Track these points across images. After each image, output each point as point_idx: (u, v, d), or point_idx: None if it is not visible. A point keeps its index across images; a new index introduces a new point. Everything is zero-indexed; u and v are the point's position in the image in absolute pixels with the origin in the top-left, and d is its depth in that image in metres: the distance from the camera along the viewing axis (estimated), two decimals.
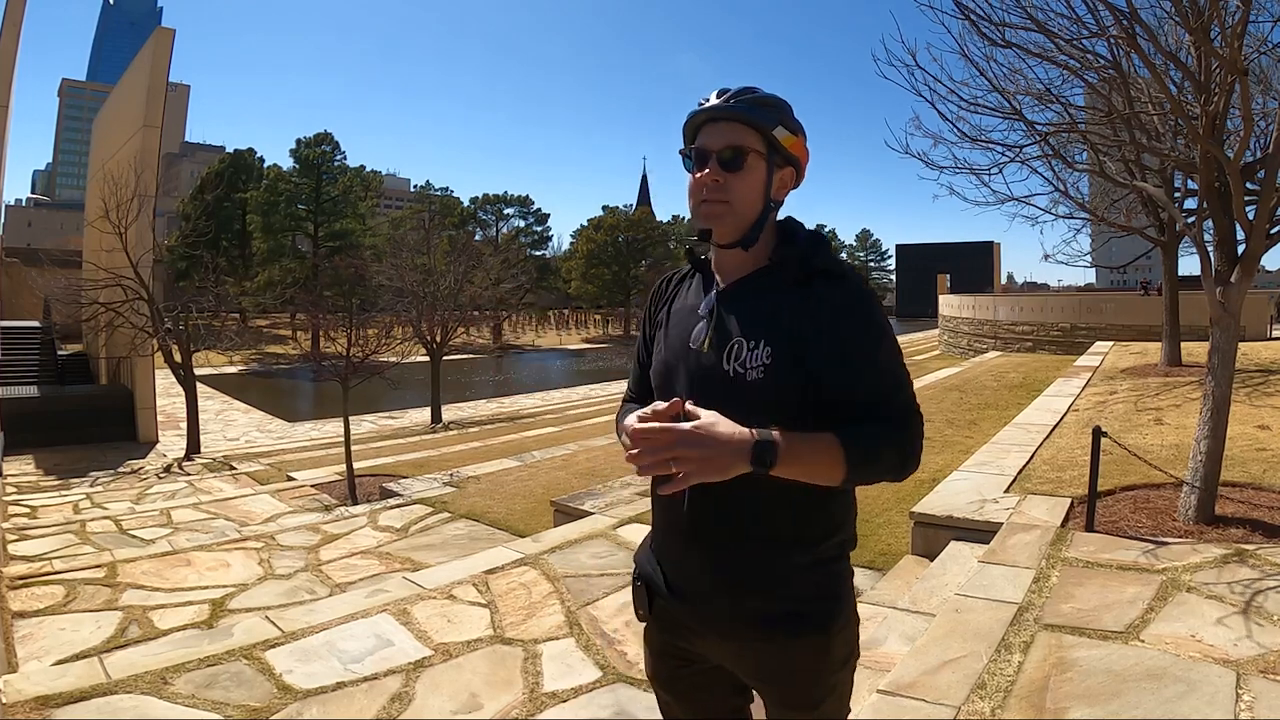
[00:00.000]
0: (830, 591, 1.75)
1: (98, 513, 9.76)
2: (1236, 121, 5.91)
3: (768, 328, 1.65)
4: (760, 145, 1.69)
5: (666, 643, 1.89)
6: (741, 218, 1.69)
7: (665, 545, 1.84)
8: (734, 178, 1.68)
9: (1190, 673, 3.25)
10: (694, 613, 1.78)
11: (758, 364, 1.62)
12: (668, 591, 1.82)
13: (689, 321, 1.79)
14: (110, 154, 22.37)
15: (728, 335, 1.69)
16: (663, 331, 1.88)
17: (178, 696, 3.56)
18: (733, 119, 1.69)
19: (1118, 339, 20.68)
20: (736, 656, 1.78)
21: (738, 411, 1.56)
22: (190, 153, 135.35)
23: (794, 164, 1.76)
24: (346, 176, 71.64)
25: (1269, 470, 6.25)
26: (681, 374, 1.75)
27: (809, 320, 1.62)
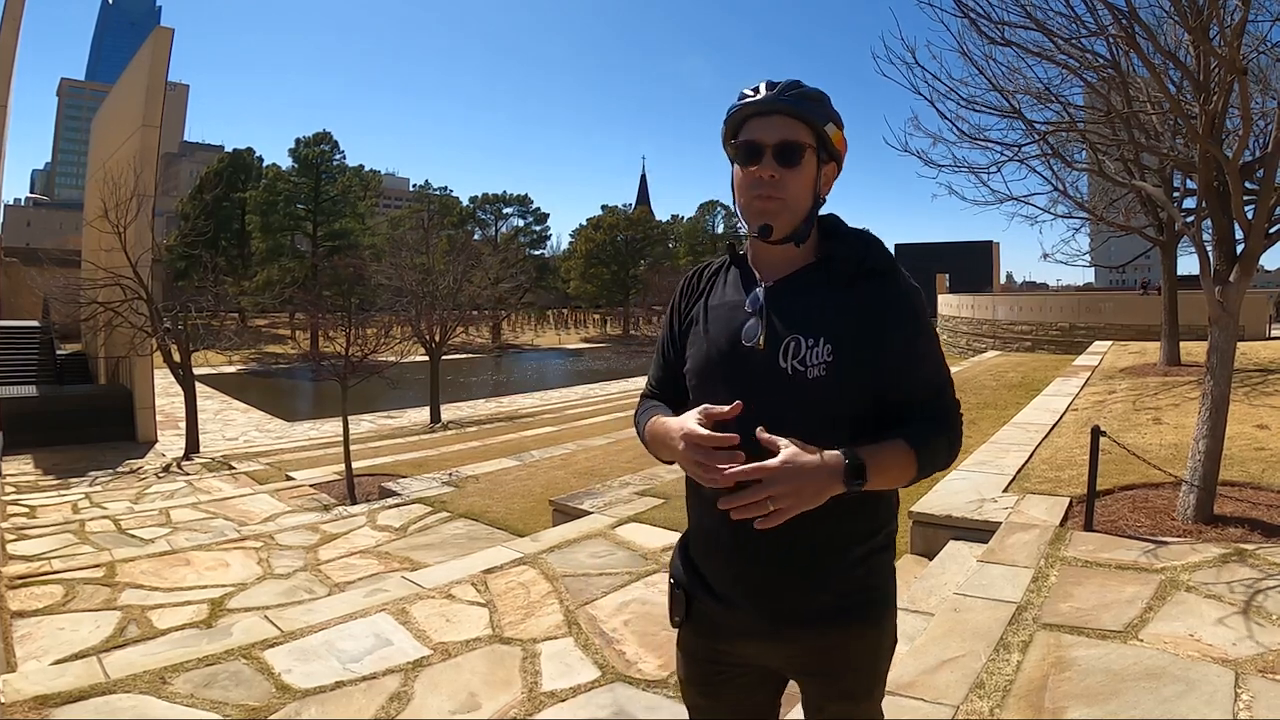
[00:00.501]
0: (883, 580, 1.77)
1: (96, 512, 9.75)
2: (1236, 121, 5.91)
3: (827, 325, 1.64)
4: (812, 140, 1.68)
5: (705, 646, 1.83)
6: (795, 214, 1.69)
7: (712, 549, 1.77)
8: (789, 174, 1.66)
9: (1189, 672, 3.25)
10: (744, 614, 1.72)
11: (818, 361, 1.61)
12: (712, 596, 1.77)
13: (734, 318, 1.74)
14: (109, 153, 22.36)
15: (782, 332, 1.66)
16: (700, 327, 1.81)
17: (176, 696, 3.56)
18: (785, 113, 1.67)
19: (1116, 338, 20.68)
20: (790, 654, 1.76)
21: (796, 410, 1.60)
22: (189, 152, 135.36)
23: (837, 159, 1.75)
24: (346, 176, 71.55)
25: (1268, 469, 6.25)
26: (731, 372, 1.70)
27: (868, 319, 1.64)
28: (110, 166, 20.20)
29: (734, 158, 1.74)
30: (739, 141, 1.71)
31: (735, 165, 1.74)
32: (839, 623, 1.70)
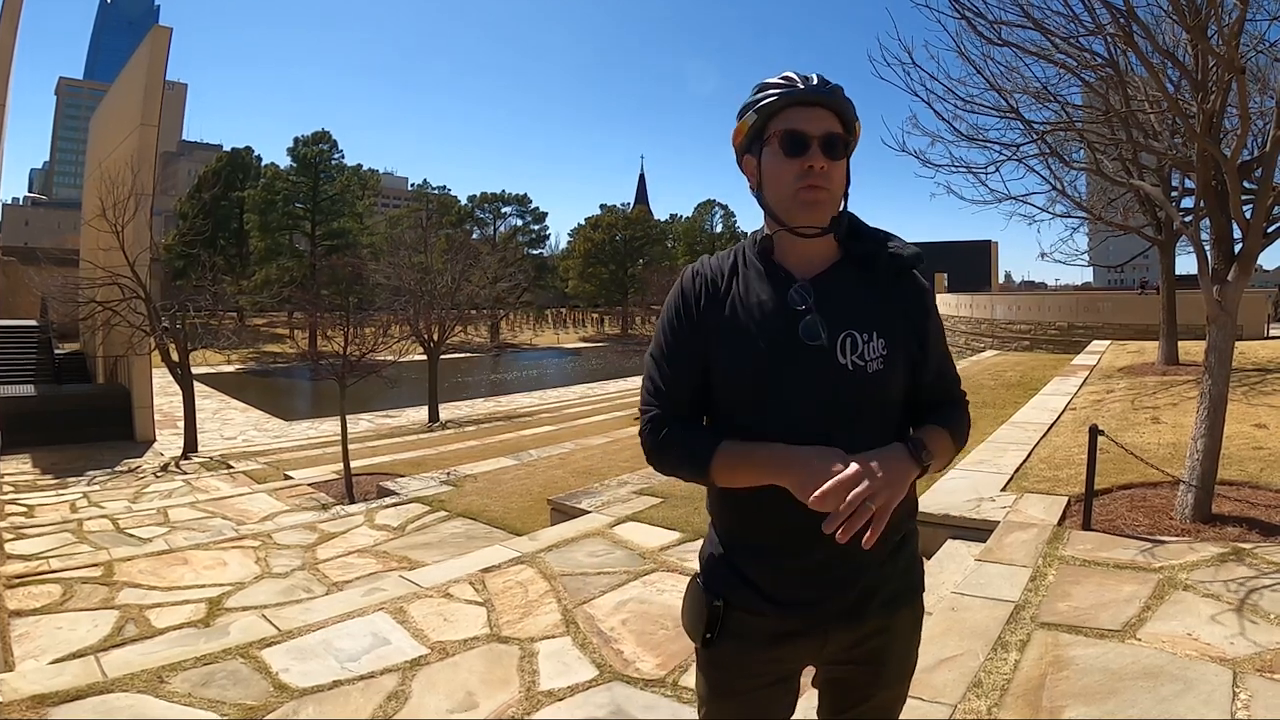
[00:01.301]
0: (921, 564, 1.88)
1: (95, 511, 9.74)
2: (1234, 121, 5.91)
3: (875, 320, 1.66)
4: (847, 137, 1.68)
5: (750, 657, 1.74)
6: (834, 204, 1.69)
7: (776, 555, 1.69)
8: (834, 167, 1.65)
9: (1187, 671, 3.25)
10: (803, 617, 1.69)
11: (875, 355, 1.63)
12: (770, 603, 1.69)
13: (781, 316, 1.66)
14: (107, 152, 22.33)
15: (838, 328, 1.64)
16: (743, 328, 1.68)
17: (174, 695, 3.56)
18: (825, 105, 1.66)
19: (1115, 338, 20.68)
20: (843, 646, 1.74)
21: (860, 405, 1.63)
22: (188, 151, 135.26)
23: (744, 152, 1.76)
24: (344, 175, 71.53)
25: (1266, 469, 6.26)
26: (793, 373, 1.64)
27: (909, 313, 1.72)
28: (108, 165, 20.17)
29: (775, 146, 1.67)
30: (780, 130, 1.66)
31: (765, 155, 1.69)
32: (895, 608, 1.76)
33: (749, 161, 1.75)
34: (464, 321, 27.87)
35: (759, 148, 1.71)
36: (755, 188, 1.74)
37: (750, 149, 1.74)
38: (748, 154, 1.75)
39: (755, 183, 1.74)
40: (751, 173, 1.75)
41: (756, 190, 1.74)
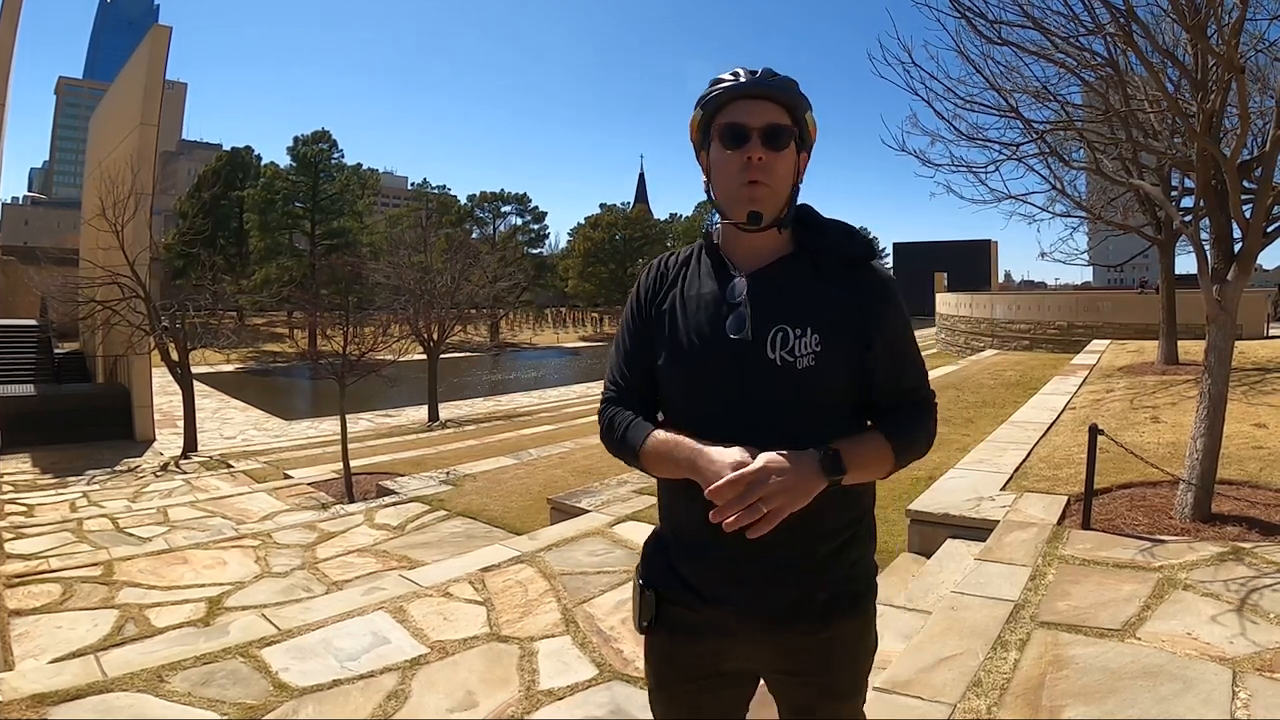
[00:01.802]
0: (868, 573, 1.78)
1: (94, 511, 9.74)
2: (1234, 120, 5.91)
3: (812, 315, 1.63)
4: (793, 126, 1.67)
5: (684, 651, 1.77)
6: (779, 200, 1.67)
7: (699, 549, 1.70)
8: (776, 157, 1.64)
9: (1186, 671, 3.25)
10: (731, 614, 1.68)
11: (807, 352, 1.61)
12: (697, 597, 1.71)
13: (715, 309, 1.69)
14: (107, 152, 22.33)
15: (768, 323, 1.63)
16: (675, 320, 1.73)
17: (174, 694, 3.56)
18: (769, 98, 1.66)
19: (1115, 337, 20.67)
20: (779, 653, 1.73)
21: (787, 403, 1.60)
22: (187, 150, 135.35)
23: (809, 147, 1.74)
24: (344, 175, 71.54)
25: (1266, 468, 6.26)
26: (717, 366, 1.66)
27: (854, 309, 1.65)
28: (108, 165, 20.17)
29: (716, 140, 1.69)
30: (722, 123, 1.67)
31: (711, 150, 1.71)
32: (830, 617, 1.69)
33: (702, 157, 1.76)
34: (464, 321, 27.86)
35: (708, 143, 1.73)
36: (706, 183, 1.76)
37: (701, 145, 1.75)
38: (700, 150, 1.76)
39: (706, 178, 1.75)
40: (704, 168, 1.76)
41: (707, 185, 1.76)
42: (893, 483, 7.32)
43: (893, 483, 7.32)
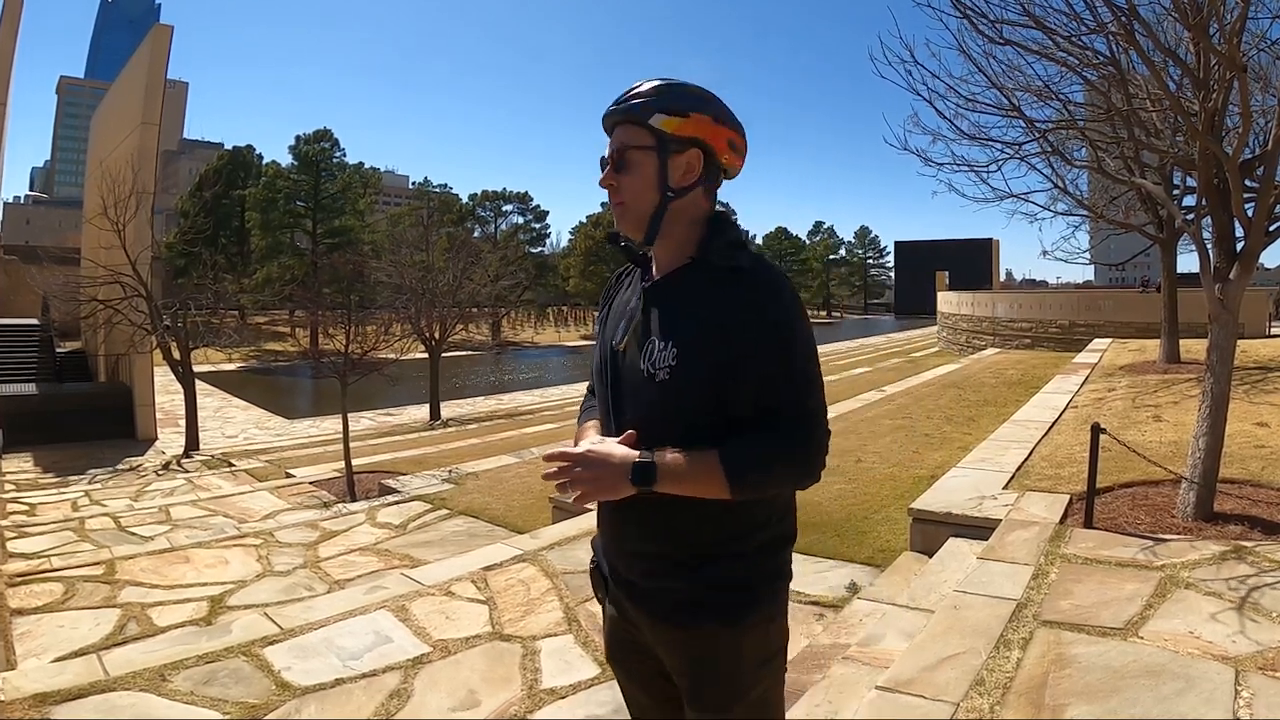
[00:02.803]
0: (741, 584, 1.71)
1: (96, 510, 9.74)
2: (1236, 119, 5.91)
3: (678, 326, 1.68)
4: (645, 139, 1.71)
5: (616, 623, 1.92)
6: (639, 214, 1.74)
7: (601, 532, 1.90)
8: (623, 178, 1.74)
9: (1189, 670, 3.25)
10: (626, 597, 1.83)
11: (664, 365, 1.66)
12: (611, 576, 1.88)
13: (621, 318, 1.83)
14: (108, 151, 22.33)
15: (646, 333, 1.72)
16: (605, 326, 1.91)
17: (176, 694, 3.56)
18: (619, 122, 1.75)
19: (1116, 336, 20.64)
20: (659, 644, 1.80)
21: (654, 412, 1.68)
22: (189, 150, 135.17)
23: (697, 145, 1.72)
24: (345, 173, 71.62)
25: (1268, 467, 6.25)
26: (604, 371, 1.82)
27: (715, 323, 1.64)
28: (109, 164, 20.16)
29: None
30: (602, 157, 1.80)
31: None
32: (702, 619, 1.70)
33: None
34: (465, 320, 27.86)
35: None
36: None
37: None
38: None
39: None
40: None
41: None
42: (895, 481, 7.35)
43: (895, 481, 7.35)
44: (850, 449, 8.90)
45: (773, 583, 1.77)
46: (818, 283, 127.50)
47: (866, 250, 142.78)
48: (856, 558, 5.60)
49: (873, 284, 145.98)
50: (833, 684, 3.56)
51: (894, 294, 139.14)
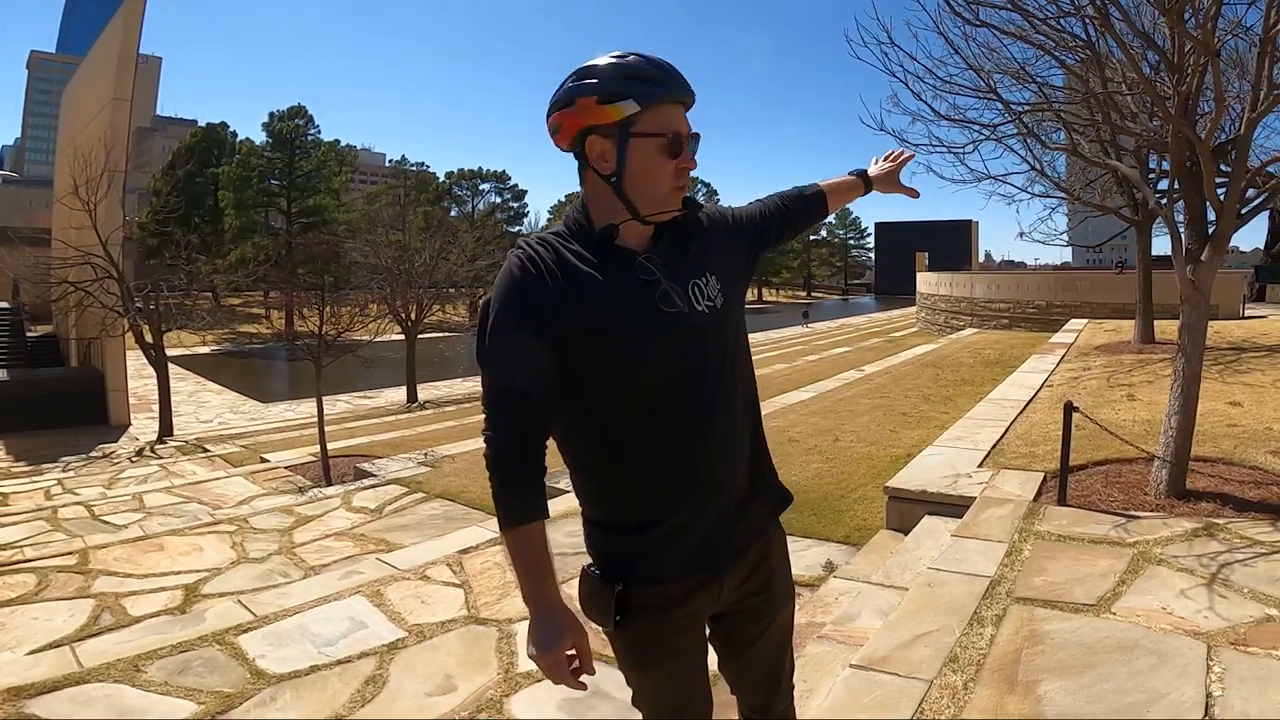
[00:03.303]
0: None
1: (69, 499, 9.67)
2: (1210, 104, 5.93)
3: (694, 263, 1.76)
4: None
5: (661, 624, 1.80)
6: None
7: (680, 498, 1.73)
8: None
9: (1161, 645, 3.28)
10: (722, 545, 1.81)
11: (715, 291, 1.75)
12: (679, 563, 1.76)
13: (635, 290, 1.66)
14: (80, 128, 22.02)
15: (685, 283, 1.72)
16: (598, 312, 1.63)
17: (151, 684, 3.54)
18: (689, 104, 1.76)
19: (1092, 317, 20.81)
20: (750, 565, 1.88)
21: (722, 338, 1.78)
22: (162, 127, 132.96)
23: (595, 130, 1.65)
24: (321, 151, 70.98)
25: (1240, 446, 6.32)
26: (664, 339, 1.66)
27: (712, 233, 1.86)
28: (81, 142, 19.89)
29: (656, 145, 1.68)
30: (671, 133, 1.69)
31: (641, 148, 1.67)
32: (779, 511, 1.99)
33: (600, 145, 1.67)
34: (442, 300, 27.74)
35: (625, 136, 1.65)
36: (610, 174, 1.67)
37: (608, 133, 1.66)
38: (598, 136, 1.66)
39: (611, 170, 1.67)
40: (603, 158, 1.68)
41: (611, 177, 1.67)
42: (872, 460, 7.40)
43: (872, 460, 7.40)
44: (828, 428, 8.94)
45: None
46: (798, 263, 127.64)
47: (847, 231, 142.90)
48: (833, 536, 5.63)
49: (853, 264, 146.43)
50: (808, 662, 3.57)
51: (874, 274, 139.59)
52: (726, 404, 1.76)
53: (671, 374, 1.69)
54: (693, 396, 1.71)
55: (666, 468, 1.72)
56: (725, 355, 1.77)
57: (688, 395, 1.71)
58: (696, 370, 1.71)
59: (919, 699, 3.03)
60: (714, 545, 1.79)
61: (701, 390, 1.72)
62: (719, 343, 1.75)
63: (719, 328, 1.75)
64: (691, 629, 1.87)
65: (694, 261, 1.75)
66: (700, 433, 1.72)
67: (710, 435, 1.73)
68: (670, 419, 1.70)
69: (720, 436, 1.75)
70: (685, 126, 1.70)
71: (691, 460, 1.72)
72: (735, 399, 1.79)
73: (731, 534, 1.81)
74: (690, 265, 1.74)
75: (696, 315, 1.70)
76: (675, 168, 1.68)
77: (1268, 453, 6.12)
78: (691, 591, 1.78)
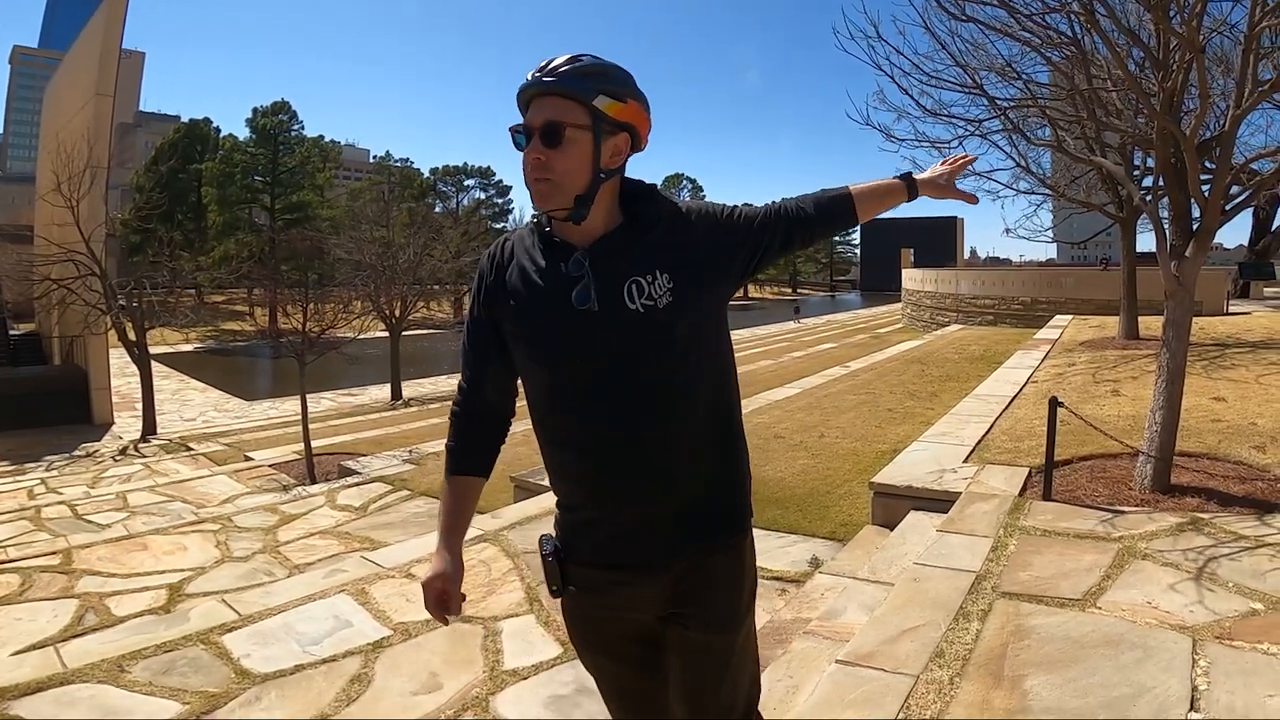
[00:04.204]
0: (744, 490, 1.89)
1: (52, 498, 9.61)
2: (1195, 101, 5.96)
3: (654, 259, 1.71)
4: (583, 118, 1.67)
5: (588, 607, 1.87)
6: (567, 193, 1.69)
7: (592, 496, 1.79)
8: (554, 154, 1.67)
9: (1147, 639, 3.29)
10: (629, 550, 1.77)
11: (664, 291, 1.68)
12: (594, 550, 1.80)
13: (557, 285, 1.72)
14: (62, 124, 21.85)
15: (620, 279, 1.69)
16: (520, 303, 1.77)
17: (135, 684, 3.51)
18: (554, 93, 1.68)
19: (1077, 313, 20.92)
20: (674, 579, 1.78)
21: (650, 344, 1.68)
22: (145, 122, 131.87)
23: (628, 129, 1.73)
24: (304, 147, 70.58)
25: (1224, 440, 6.36)
26: (571, 337, 1.70)
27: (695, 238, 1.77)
28: (63, 137, 19.71)
29: (516, 141, 1.73)
30: (514, 126, 1.73)
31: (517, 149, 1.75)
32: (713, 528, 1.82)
33: None
34: (426, 297, 27.65)
35: None
36: None
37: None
38: None
39: None
40: None
41: None
42: (857, 456, 7.40)
43: (857, 456, 7.40)
44: (814, 424, 8.95)
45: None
46: (784, 259, 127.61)
47: None
48: (819, 532, 5.63)
49: (839, 261, 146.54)
50: (794, 658, 3.57)
51: (860, 271, 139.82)
52: (649, 411, 1.70)
53: (580, 373, 1.70)
54: (600, 399, 1.69)
55: (571, 468, 1.79)
56: (659, 358, 1.69)
57: (592, 397, 1.69)
58: (612, 371, 1.68)
59: (905, 694, 3.02)
60: (621, 551, 1.77)
61: (612, 394, 1.68)
62: (653, 344, 1.69)
63: (659, 328, 1.68)
64: (618, 623, 1.85)
65: (640, 258, 1.70)
66: (600, 440, 1.71)
67: (608, 445, 1.71)
68: (581, 418, 1.72)
69: (624, 446, 1.70)
70: (534, 118, 1.69)
71: (586, 465, 1.75)
72: (671, 408, 1.71)
73: (640, 546, 1.76)
74: (633, 262, 1.70)
75: (625, 313, 1.66)
76: (526, 159, 1.70)
77: (1252, 448, 6.16)
78: (613, 585, 1.80)
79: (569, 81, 1.66)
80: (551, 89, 1.67)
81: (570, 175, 1.68)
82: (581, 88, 1.66)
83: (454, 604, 1.86)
